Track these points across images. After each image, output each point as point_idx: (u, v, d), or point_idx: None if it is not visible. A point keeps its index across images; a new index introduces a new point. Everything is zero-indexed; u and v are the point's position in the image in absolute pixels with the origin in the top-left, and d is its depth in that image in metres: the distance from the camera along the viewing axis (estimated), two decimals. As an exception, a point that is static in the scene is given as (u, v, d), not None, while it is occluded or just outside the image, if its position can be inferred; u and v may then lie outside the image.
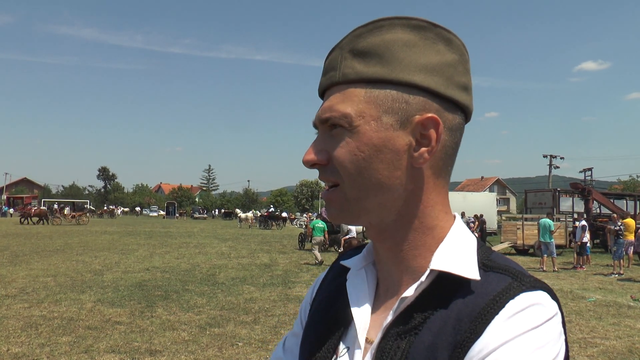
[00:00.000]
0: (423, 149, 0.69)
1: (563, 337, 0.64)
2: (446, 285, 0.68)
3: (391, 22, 0.71)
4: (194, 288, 10.64)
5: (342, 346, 0.75)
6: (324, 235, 16.61)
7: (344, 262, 0.85)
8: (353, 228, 17.05)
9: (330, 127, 0.71)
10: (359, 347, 0.72)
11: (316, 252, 16.08)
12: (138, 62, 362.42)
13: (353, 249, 0.90)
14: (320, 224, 16.63)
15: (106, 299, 9.21)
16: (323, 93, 0.76)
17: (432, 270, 0.69)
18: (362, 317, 0.74)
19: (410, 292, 0.68)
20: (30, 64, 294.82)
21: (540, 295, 0.64)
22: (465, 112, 0.74)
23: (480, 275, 0.67)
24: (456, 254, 0.70)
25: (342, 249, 16.14)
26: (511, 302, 0.63)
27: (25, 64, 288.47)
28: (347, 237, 16.45)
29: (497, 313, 0.62)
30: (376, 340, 0.70)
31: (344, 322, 0.77)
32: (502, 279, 0.67)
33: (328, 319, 0.80)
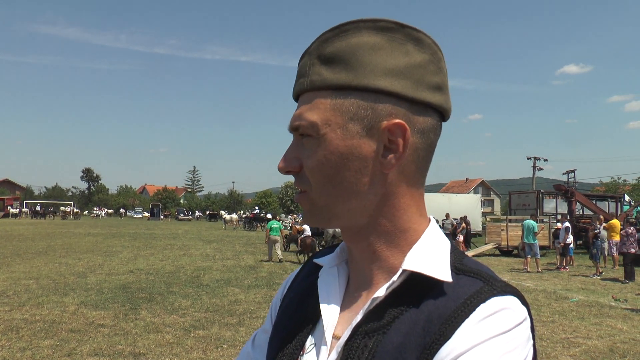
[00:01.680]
0: (391, 155, 0.69)
1: (531, 342, 0.64)
2: (417, 286, 0.68)
3: (357, 25, 0.70)
4: (179, 290, 10.59)
5: (309, 342, 0.75)
6: (281, 235, 17.62)
7: (317, 260, 0.85)
8: (307, 227, 17.84)
9: (301, 136, 0.72)
10: (325, 344, 0.72)
11: (278, 250, 17.03)
12: (122, 62, 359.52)
13: (327, 247, 0.90)
14: (275, 224, 17.47)
15: (89, 301, 9.13)
16: (297, 99, 0.76)
17: (404, 271, 0.69)
18: (330, 313, 0.74)
19: (381, 292, 0.68)
20: (11, 64, 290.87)
21: (511, 300, 0.64)
22: (440, 112, 0.73)
23: (452, 278, 0.67)
24: (429, 256, 0.70)
25: (299, 247, 17.09)
26: (482, 305, 0.63)
27: (6, 63, 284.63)
28: (302, 236, 17.25)
29: (467, 316, 0.62)
30: (343, 338, 0.69)
31: (313, 319, 0.77)
32: (474, 282, 0.67)
33: (298, 316, 0.80)
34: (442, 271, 0.68)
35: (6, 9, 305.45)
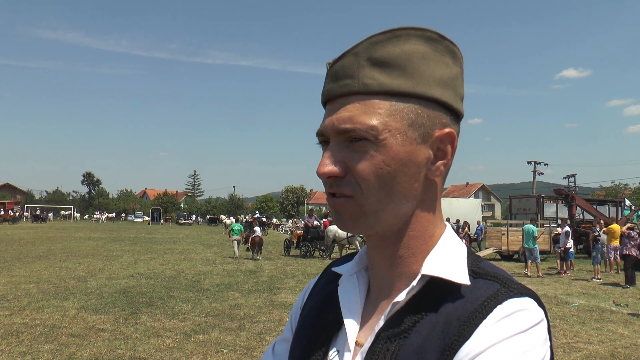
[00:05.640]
0: (440, 162, 0.72)
1: (548, 343, 0.65)
2: (437, 290, 0.70)
3: (407, 32, 0.71)
4: (179, 294, 10.58)
5: (332, 350, 0.76)
6: (241, 235, 20.24)
7: (336, 269, 0.86)
8: (257, 228, 20.30)
9: (350, 139, 0.70)
10: (349, 350, 0.73)
11: (235, 248, 19.69)
12: (123, 66, 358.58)
13: (345, 256, 0.91)
14: (237, 226, 20.37)
15: (90, 305, 9.12)
16: (329, 100, 0.74)
17: (423, 275, 0.70)
18: (353, 320, 0.75)
19: (401, 296, 0.70)
20: (12, 68, 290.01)
21: (527, 302, 0.66)
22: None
23: (470, 282, 0.69)
24: (447, 260, 0.71)
25: (249, 244, 19.71)
26: (499, 307, 0.65)
27: (8, 67, 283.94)
28: (253, 235, 19.62)
29: (485, 317, 0.64)
30: (367, 344, 0.71)
31: (335, 327, 0.78)
32: (491, 285, 0.68)
33: (319, 324, 0.81)
34: (460, 275, 0.69)
35: (8, 14, 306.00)
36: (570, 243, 16.33)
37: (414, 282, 0.70)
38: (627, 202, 28.87)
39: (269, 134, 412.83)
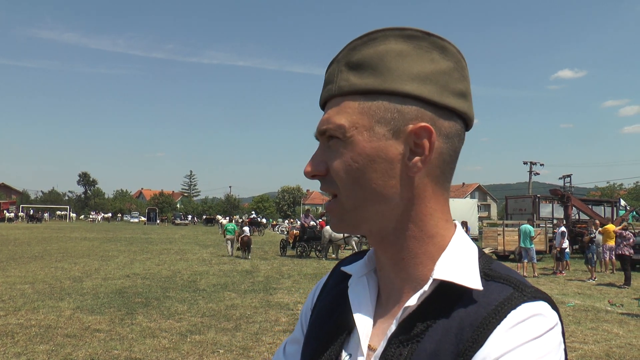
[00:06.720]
0: (417, 158, 0.70)
1: (563, 346, 0.65)
2: (448, 294, 0.69)
3: (384, 33, 0.71)
4: (175, 295, 10.56)
5: (344, 354, 0.75)
6: (235, 235, 20.92)
7: (345, 269, 0.86)
8: (246, 228, 20.85)
9: (328, 139, 0.73)
10: (362, 355, 0.72)
11: (229, 247, 20.63)
12: (120, 66, 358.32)
13: (353, 254, 0.91)
14: (231, 226, 21.37)
15: (85, 306, 9.10)
16: (324, 106, 0.77)
17: (434, 280, 0.69)
18: (365, 324, 0.74)
19: (413, 301, 0.69)
20: (9, 68, 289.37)
21: (541, 306, 0.65)
22: (464, 119, 0.74)
23: (482, 285, 0.68)
24: (458, 263, 0.70)
25: (238, 244, 20.32)
26: (513, 312, 0.64)
27: (4, 67, 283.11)
28: (243, 234, 20.27)
29: (499, 323, 0.63)
30: (380, 349, 0.70)
31: (346, 330, 0.77)
32: (504, 288, 0.68)
33: (330, 326, 0.80)
34: (472, 279, 0.68)
35: (5, 14, 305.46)
36: (566, 243, 16.38)
37: (426, 287, 0.69)
38: (623, 202, 29.03)
39: (265, 134, 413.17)
